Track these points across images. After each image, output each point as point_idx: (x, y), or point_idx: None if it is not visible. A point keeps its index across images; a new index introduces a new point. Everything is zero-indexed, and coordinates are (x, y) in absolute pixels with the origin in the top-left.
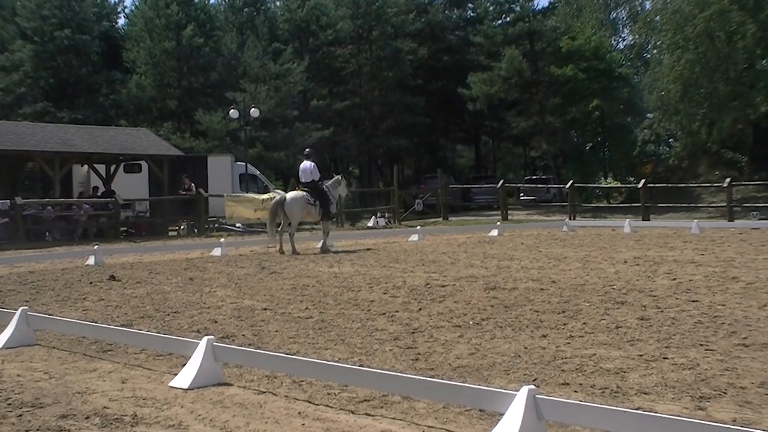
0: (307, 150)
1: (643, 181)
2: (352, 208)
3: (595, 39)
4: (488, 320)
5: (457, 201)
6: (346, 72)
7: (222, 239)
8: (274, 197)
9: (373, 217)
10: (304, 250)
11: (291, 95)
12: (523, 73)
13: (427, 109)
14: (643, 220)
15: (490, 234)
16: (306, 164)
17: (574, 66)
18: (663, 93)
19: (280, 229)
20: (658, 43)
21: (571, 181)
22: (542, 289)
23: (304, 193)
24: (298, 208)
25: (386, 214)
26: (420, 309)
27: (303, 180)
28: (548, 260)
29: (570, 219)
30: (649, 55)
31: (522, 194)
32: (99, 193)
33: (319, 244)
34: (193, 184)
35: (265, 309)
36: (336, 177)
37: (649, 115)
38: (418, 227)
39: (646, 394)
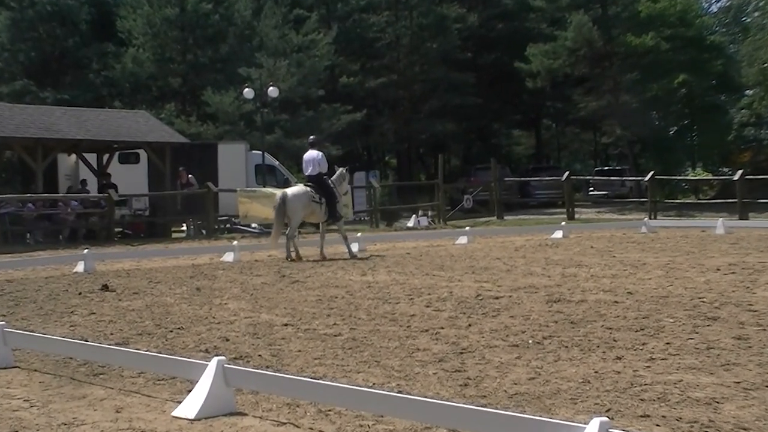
0: (312, 137)
1: (740, 172)
2: (389, 206)
3: (681, 0)
4: (551, 339)
5: (514, 196)
6: (382, 44)
7: (235, 242)
8: (306, 191)
9: (414, 216)
10: (331, 254)
11: (316, 71)
12: (593, 43)
13: (477, 87)
14: (740, 219)
15: (553, 236)
16: (311, 153)
17: (656, 34)
18: (766, 65)
19: (288, 232)
20: (761, 5)
21: (651, 173)
22: (616, 301)
23: (308, 188)
24: (301, 206)
25: (429, 213)
26: (469, 325)
27: (307, 172)
28: (623, 267)
29: (650, 218)
30: (748, 20)
31: (591, 188)
32: (88, 187)
33: (345, 252)
34: (191, 177)
35: (286, 325)
36: (339, 170)
37: (747, 92)
38: (467, 228)
39: (744, 430)
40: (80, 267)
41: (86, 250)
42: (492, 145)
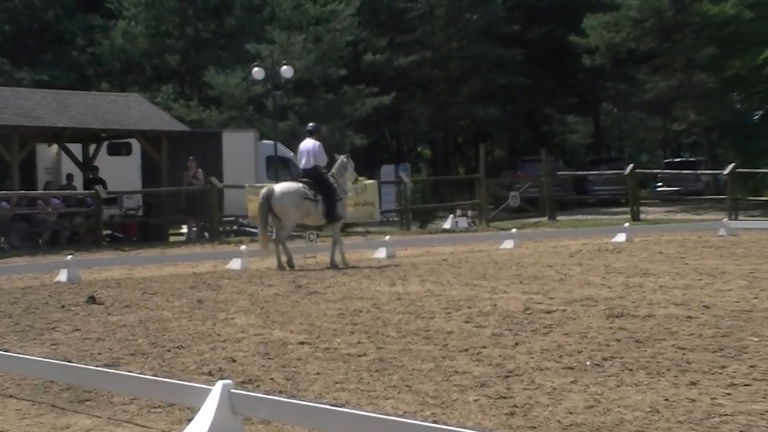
0: (310, 125)
1: None
2: (422, 204)
3: None
4: (613, 360)
5: (569, 193)
6: (413, 15)
7: (243, 247)
8: (298, 188)
9: (451, 216)
10: (355, 261)
11: (336, 48)
12: (662, 12)
13: (525, 65)
14: None
15: (614, 239)
16: (307, 143)
17: (737, 1)
18: None
19: (275, 236)
20: None
21: (731, 165)
22: (690, 317)
23: (300, 184)
24: (291, 204)
25: (469, 212)
26: (516, 344)
27: (302, 165)
28: (698, 276)
29: (730, 218)
30: None
31: (660, 184)
32: (75, 183)
33: (327, 258)
34: (201, 171)
35: (302, 343)
36: (340, 159)
37: None
38: (514, 230)
39: None
40: (63, 276)
41: (70, 256)
42: (542, 133)
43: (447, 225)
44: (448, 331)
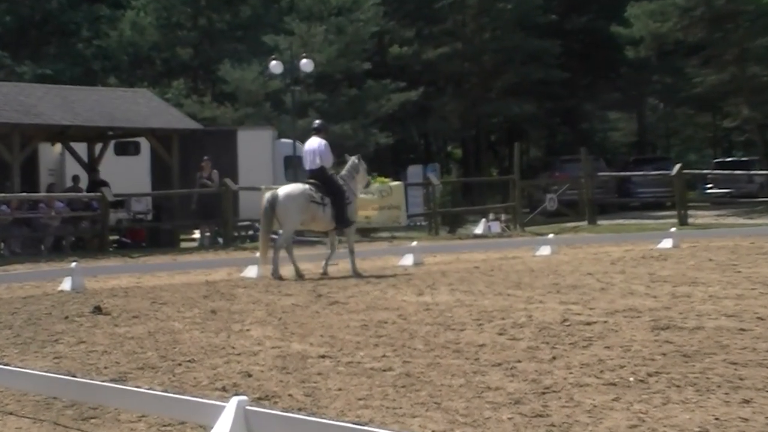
0: (317, 122)
1: None
2: (452, 208)
3: None
4: (658, 376)
5: (610, 196)
6: (443, 4)
7: (257, 254)
8: (303, 191)
9: (483, 220)
10: (379, 269)
11: (360, 39)
12: (713, 0)
13: (564, 58)
14: None
15: (660, 246)
16: (313, 142)
17: None
18: None
19: (277, 241)
20: None
21: None
22: (742, 329)
23: (307, 186)
24: (296, 208)
25: (502, 216)
26: (554, 358)
27: (308, 167)
28: (751, 286)
29: None
30: None
31: (709, 185)
32: (81, 185)
33: (324, 265)
34: (215, 171)
35: (323, 356)
36: (351, 160)
37: None
38: (551, 235)
39: None
40: (66, 284)
41: (74, 264)
42: (582, 130)
43: (479, 230)
44: (479, 344)
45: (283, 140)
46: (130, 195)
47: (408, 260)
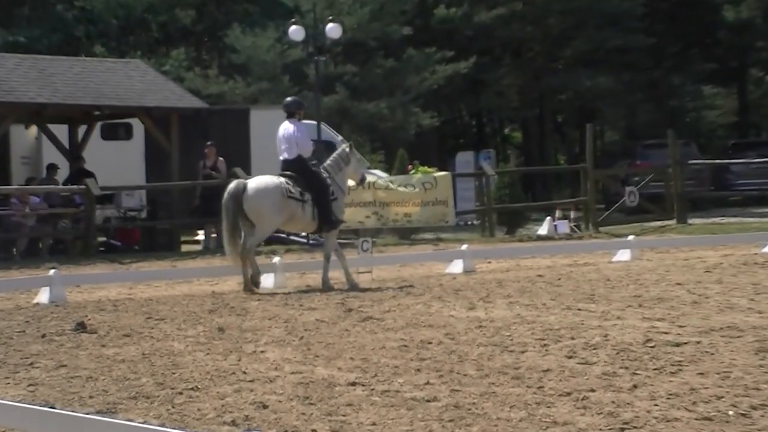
0: (289, 100)
1: None
2: (511, 203)
3: None
4: (764, 409)
5: (704, 189)
6: None
7: (276, 259)
8: (279, 184)
9: (549, 218)
10: (422, 278)
11: (398, 1)
12: None
13: (647, 21)
14: None
15: (766, 249)
16: (288, 127)
17: None
18: None
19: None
20: None
21: None
22: None
23: (282, 180)
24: (270, 205)
25: (572, 214)
26: (635, 386)
27: (283, 156)
28: None
29: None
30: None
31: None
32: (57, 176)
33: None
34: (222, 160)
35: (354, 384)
36: (340, 149)
37: None
38: (631, 237)
39: None
40: (44, 296)
41: (53, 271)
42: (669, 109)
43: (543, 230)
44: (544, 369)
45: (305, 122)
46: (120, 188)
47: (457, 267)
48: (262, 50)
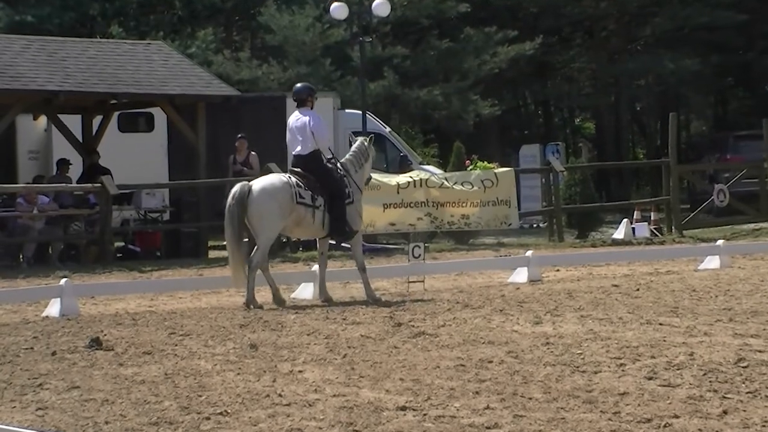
0: (299, 87)
1: None
2: (582, 204)
3: None
4: None
5: None
6: None
7: (315, 267)
8: (286, 184)
9: (625, 220)
10: (481, 288)
11: None
12: None
13: None
14: None
15: None
16: (299, 118)
17: None
18: None
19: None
20: None
21: None
22: None
23: (292, 181)
24: (277, 209)
25: (652, 215)
26: (725, 412)
27: (294, 150)
28: None
29: None
30: None
31: None
32: (70, 173)
33: (316, 289)
34: (254, 154)
35: (404, 408)
36: (358, 142)
37: None
38: (720, 242)
39: None
40: (54, 308)
41: (64, 280)
42: (765, 95)
43: (619, 234)
44: (620, 392)
45: (349, 111)
46: (139, 186)
47: (521, 276)
48: (300, 30)
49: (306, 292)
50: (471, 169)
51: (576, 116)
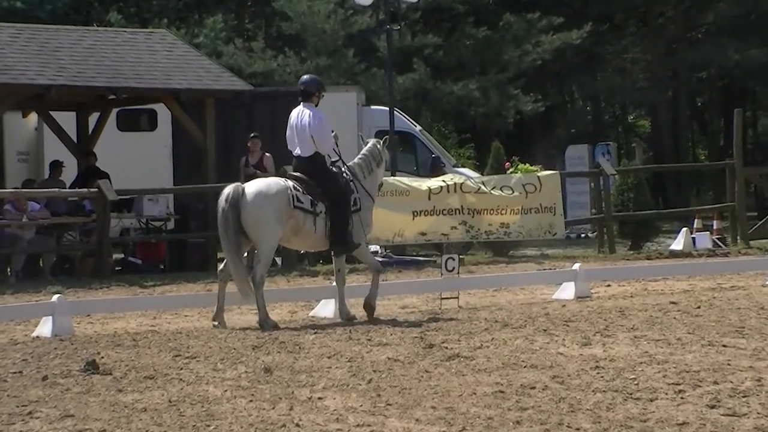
0: (306, 79)
1: None
2: (636, 211)
3: None
4: None
5: None
6: None
7: (335, 282)
8: (284, 189)
9: (685, 229)
10: (523, 305)
11: None
12: None
13: None
14: None
15: None
16: (301, 114)
17: None
18: None
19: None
20: None
21: None
22: None
23: (290, 183)
24: (274, 215)
25: (715, 223)
26: None
27: (294, 151)
28: None
29: None
30: None
31: None
32: (63, 176)
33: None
34: (269, 156)
35: None
36: (370, 144)
37: None
38: None
39: None
40: (45, 327)
41: (57, 296)
42: None
43: (678, 245)
44: (679, 422)
45: (374, 107)
46: (141, 191)
47: (567, 291)
48: (321, 17)
49: (326, 309)
50: (511, 172)
51: (629, 113)
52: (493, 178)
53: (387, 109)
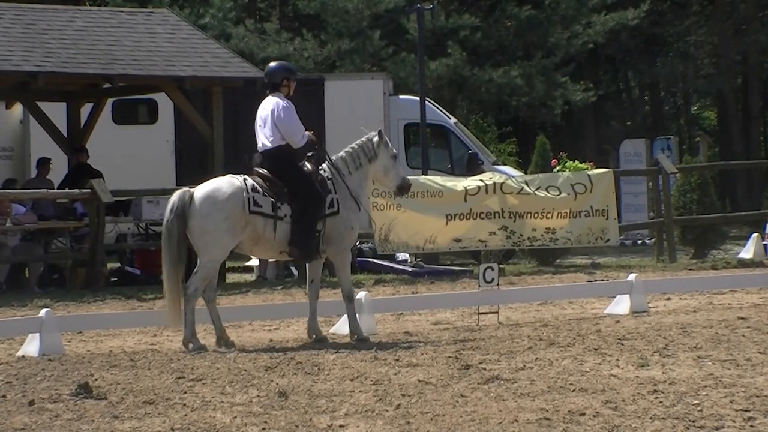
0: (273, 66)
1: None
2: (700, 214)
3: None
4: None
5: None
6: None
7: (362, 294)
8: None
9: (755, 235)
10: (571, 320)
11: None
12: None
13: None
14: None
15: None
16: (268, 105)
17: None
18: None
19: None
20: None
21: None
22: None
23: (248, 182)
24: (221, 222)
25: None
26: None
27: (260, 146)
28: None
29: None
30: None
31: None
32: (51, 175)
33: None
34: None
35: None
36: (369, 136)
37: None
38: None
39: None
40: (32, 346)
41: (45, 311)
42: None
43: (747, 253)
44: None
45: (403, 97)
46: (139, 193)
47: (622, 306)
48: None
49: (347, 326)
50: (558, 171)
51: (692, 103)
52: (538, 177)
53: (417, 98)
